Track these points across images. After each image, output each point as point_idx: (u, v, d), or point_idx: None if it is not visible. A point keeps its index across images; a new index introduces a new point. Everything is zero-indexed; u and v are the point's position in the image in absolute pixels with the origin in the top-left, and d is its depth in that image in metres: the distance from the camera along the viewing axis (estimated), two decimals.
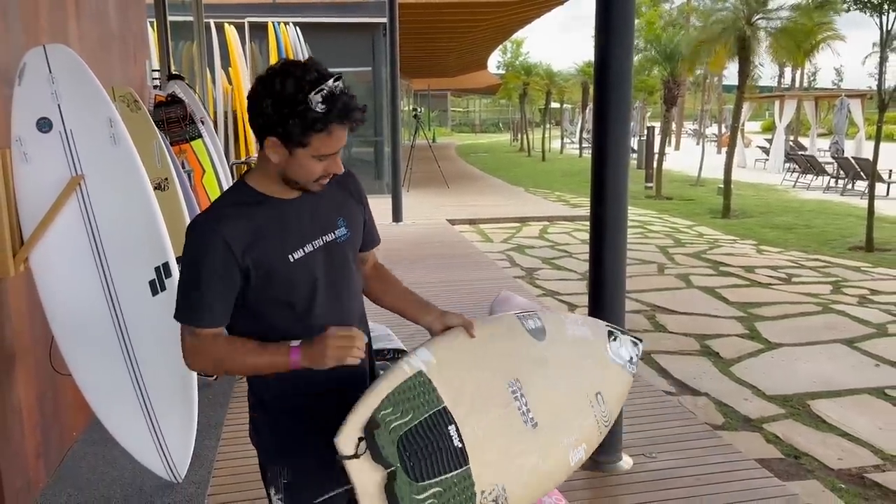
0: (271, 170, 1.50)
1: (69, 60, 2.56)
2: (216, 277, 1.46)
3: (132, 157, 2.59)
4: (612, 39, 2.87)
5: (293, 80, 1.37)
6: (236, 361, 1.50)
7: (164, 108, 4.58)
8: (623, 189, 2.98)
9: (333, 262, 1.58)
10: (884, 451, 3.62)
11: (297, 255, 1.52)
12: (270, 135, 1.42)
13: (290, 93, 1.37)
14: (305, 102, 1.36)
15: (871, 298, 6.54)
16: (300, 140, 1.40)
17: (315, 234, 1.56)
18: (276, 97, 1.38)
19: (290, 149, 1.43)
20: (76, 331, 2.60)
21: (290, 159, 1.44)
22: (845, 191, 15.19)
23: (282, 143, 1.42)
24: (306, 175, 1.47)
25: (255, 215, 1.49)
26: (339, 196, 1.64)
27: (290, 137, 1.40)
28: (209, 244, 1.45)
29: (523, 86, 28.43)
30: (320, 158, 1.45)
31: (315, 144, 1.41)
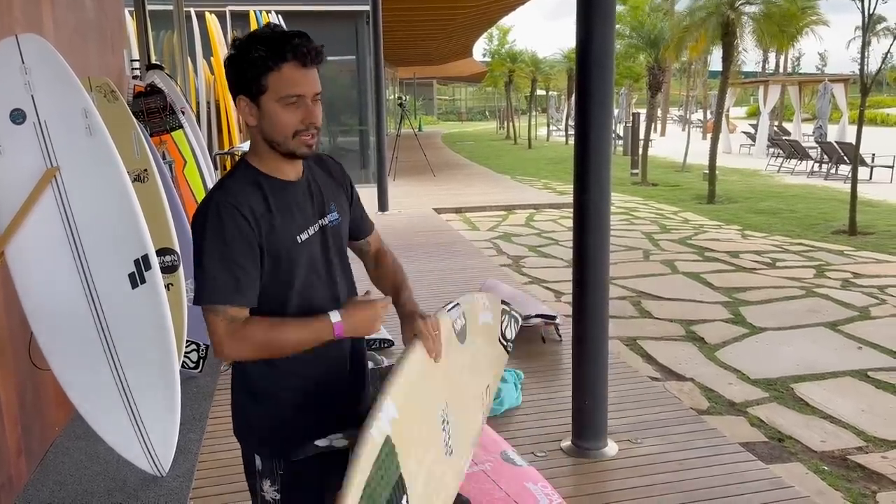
0: (259, 143, 1.50)
1: (43, 50, 2.51)
2: (246, 253, 1.43)
3: (108, 149, 2.54)
4: (593, 23, 2.85)
5: (244, 39, 1.45)
6: (282, 340, 1.44)
7: (144, 99, 4.52)
8: (606, 175, 2.97)
9: (328, 244, 1.59)
10: (866, 433, 3.66)
11: (303, 237, 1.52)
12: (238, 94, 1.46)
13: (243, 46, 1.44)
14: (251, 50, 1.41)
15: (854, 282, 6.60)
16: (258, 86, 1.43)
17: (315, 216, 1.57)
18: (234, 59, 1.45)
19: (256, 101, 1.45)
20: (55, 325, 2.56)
21: (261, 115, 1.45)
22: (829, 175, 15.29)
23: (248, 99, 1.45)
24: (282, 128, 1.45)
25: (266, 194, 1.49)
26: (330, 182, 1.65)
27: (250, 88, 1.43)
28: (233, 219, 1.42)
29: (509, 73, 28.37)
30: (286, 103, 1.43)
31: (273, 86, 1.42)
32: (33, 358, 2.72)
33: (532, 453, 3.06)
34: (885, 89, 54.71)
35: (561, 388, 3.65)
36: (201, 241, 1.45)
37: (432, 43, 24.23)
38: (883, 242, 8.42)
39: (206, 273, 1.43)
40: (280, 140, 1.46)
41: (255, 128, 1.49)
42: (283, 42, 1.41)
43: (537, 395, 3.69)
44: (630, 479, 2.88)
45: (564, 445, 3.14)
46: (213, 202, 1.46)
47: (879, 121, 34.84)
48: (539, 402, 3.61)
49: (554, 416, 3.43)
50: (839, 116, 19.97)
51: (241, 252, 1.43)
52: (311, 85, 1.44)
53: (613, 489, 2.84)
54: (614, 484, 2.87)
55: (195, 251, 1.47)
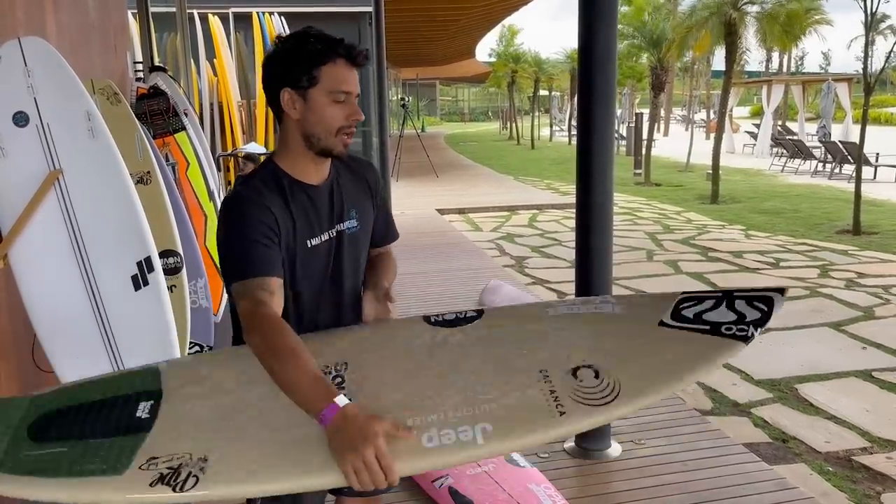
0: (294, 140, 1.50)
1: (45, 53, 2.51)
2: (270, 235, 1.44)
3: (111, 151, 2.55)
4: (595, 24, 2.85)
5: (292, 36, 1.49)
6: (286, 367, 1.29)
7: (147, 101, 4.53)
8: (609, 175, 2.97)
9: (341, 251, 1.59)
10: (871, 433, 3.65)
11: (314, 242, 1.53)
12: (284, 87, 1.46)
13: (293, 42, 1.47)
14: (307, 42, 1.45)
15: (858, 282, 6.58)
16: (309, 76, 1.44)
17: (332, 222, 1.57)
18: (281, 53, 1.48)
19: (304, 93, 1.45)
20: (58, 327, 2.57)
21: (307, 108, 1.46)
22: (833, 175, 15.25)
23: (295, 91, 1.45)
24: (327, 122, 1.46)
25: (285, 196, 1.50)
26: (356, 186, 1.64)
27: (300, 78, 1.44)
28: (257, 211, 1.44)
29: (511, 74, 28.37)
30: (336, 99, 1.45)
31: (325, 78, 1.44)
32: (37, 360, 2.72)
33: (535, 454, 3.05)
34: (889, 88, 54.59)
35: None
36: (226, 230, 1.46)
37: (435, 44, 24.24)
38: (887, 242, 8.39)
39: (233, 254, 1.44)
40: (322, 135, 1.48)
41: (294, 122, 1.49)
42: (337, 41, 1.46)
43: None
44: (633, 480, 2.88)
45: (568, 446, 3.14)
46: (238, 196, 1.48)
47: (884, 120, 34.75)
48: None
49: None
50: (843, 116, 19.93)
51: (265, 234, 1.44)
52: (357, 85, 1.49)
53: (617, 490, 2.83)
54: (618, 485, 2.87)
55: (223, 238, 1.47)
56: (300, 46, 1.45)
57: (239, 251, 1.43)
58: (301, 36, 1.47)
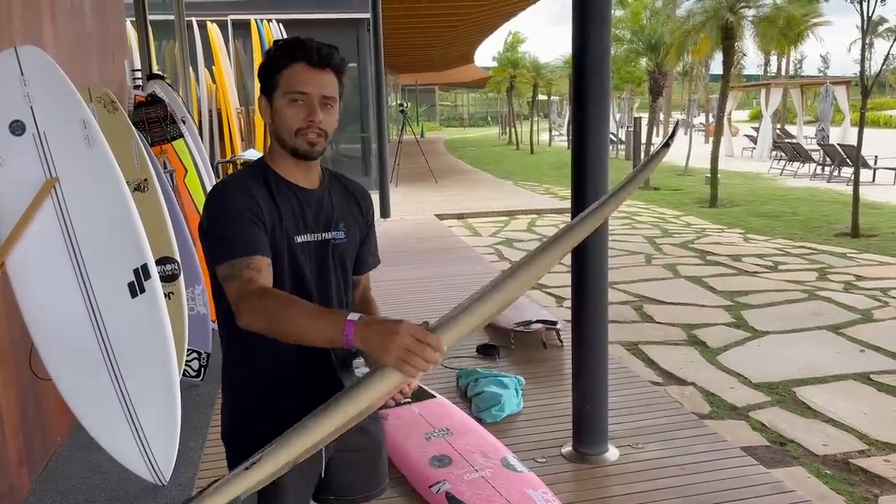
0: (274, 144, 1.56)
1: (41, 62, 2.53)
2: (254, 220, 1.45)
3: (107, 159, 2.57)
4: (589, 30, 2.86)
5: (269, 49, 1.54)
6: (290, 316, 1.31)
7: (145, 109, 4.55)
8: (603, 180, 2.98)
9: (325, 260, 1.59)
10: (868, 436, 3.65)
11: (301, 239, 1.54)
12: (261, 94, 1.55)
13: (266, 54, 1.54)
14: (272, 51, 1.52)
15: (857, 284, 6.58)
16: (272, 83, 1.51)
17: (318, 227, 1.58)
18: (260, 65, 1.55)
19: (269, 98, 1.52)
20: (55, 335, 2.58)
21: (273, 112, 1.52)
22: (832, 178, 15.26)
23: (264, 97, 1.53)
24: (286, 124, 1.50)
25: (273, 190, 1.52)
26: (349, 206, 1.67)
27: (267, 84, 1.52)
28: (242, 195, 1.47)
29: (510, 79, 28.42)
30: (291, 99, 1.49)
31: (283, 82, 1.49)
32: (34, 368, 2.73)
33: (533, 459, 3.05)
34: (888, 91, 54.66)
35: (562, 394, 3.65)
36: (210, 215, 1.48)
37: (433, 50, 24.30)
38: (886, 244, 8.40)
39: (217, 238, 1.45)
40: (285, 136, 1.51)
41: (269, 126, 1.55)
42: (297, 44, 1.50)
43: (538, 400, 3.69)
44: (631, 484, 2.88)
45: (565, 451, 3.14)
46: (223, 183, 1.53)
47: (882, 123, 34.80)
48: (540, 408, 3.60)
49: (555, 421, 3.42)
50: (841, 119, 19.96)
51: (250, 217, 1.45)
52: (319, 86, 1.49)
53: (614, 495, 2.83)
54: (615, 489, 2.86)
55: (207, 224, 1.49)
56: (268, 55, 1.53)
57: (224, 233, 1.44)
58: (274, 46, 1.54)
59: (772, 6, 12.59)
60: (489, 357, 4.26)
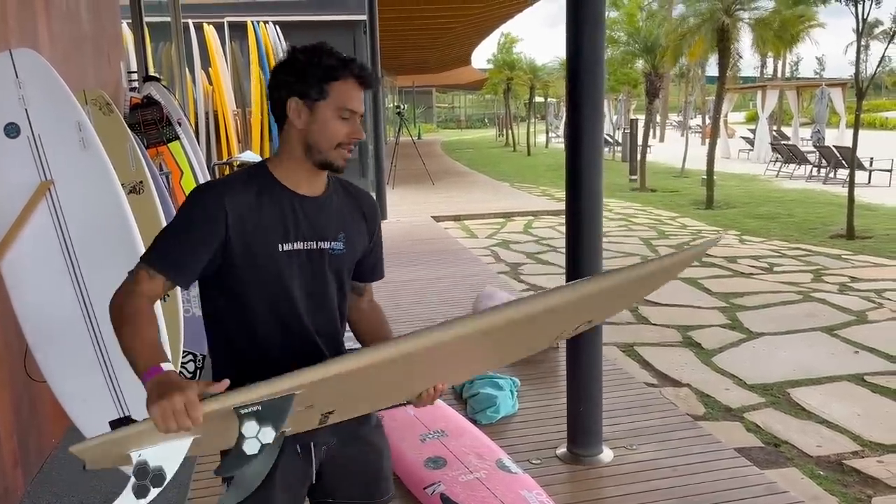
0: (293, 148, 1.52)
1: (36, 64, 2.53)
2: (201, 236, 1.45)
3: (102, 162, 2.57)
4: (583, 32, 2.87)
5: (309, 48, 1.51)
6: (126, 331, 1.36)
7: (141, 111, 4.54)
8: (598, 182, 2.99)
9: (321, 270, 1.56)
10: (862, 437, 3.66)
11: (285, 247, 1.51)
12: (292, 96, 1.49)
13: (308, 53, 1.50)
14: (321, 57, 1.48)
15: (851, 286, 6.60)
16: (320, 89, 1.47)
17: (311, 235, 1.54)
18: (295, 61, 1.49)
19: (311, 104, 1.48)
20: (50, 337, 2.58)
21: (312, 119, 1.49)
22: (827, 179, 15.30)
23: (303, 101, 1.48)
24: (329, 136, 1.49)
25: (262, 196, 1.51)
26: (351, 211, 1.64)
27: (310, 90, 1.47)
28: (206, 203, 1.47)
29: (507, 81, 28.44)
30: (341, 115, 1.49)
31: (334, 94, 1.48)
32: (29, 370, 2.73)
33: (528, 460, 3.06)
34: (883, 93, 54.83)
35: (557, 395, 3.66)
36: (178, 213, 1.50)
37: (430, 52, 24.32)
38: (880, 246, 8.42)
39: (163, 239, 1.48)
40: (324, 148, 1.50)
41: (297, 131, 1.51)
42: (350, 59, 1.51)
43: (533, 402, 3.69)
44: (625, 485, 2.89)
45: (560, 452, 3.15)
46: (205, 185, 1.54)
47: (878, 124, 34.89)
48: (535, 410, 3.61)
49: (550, 423, 3.43)
50: (837, 120, 20.02)
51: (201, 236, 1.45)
52: (362, 105, 1.53)
53: (609, 496, 2.84)
54: (609, 491, 2.87)
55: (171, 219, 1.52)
56: (315, 59, 1.48)
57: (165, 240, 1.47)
58: (316, 49, 1.51)
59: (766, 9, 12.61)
60: None
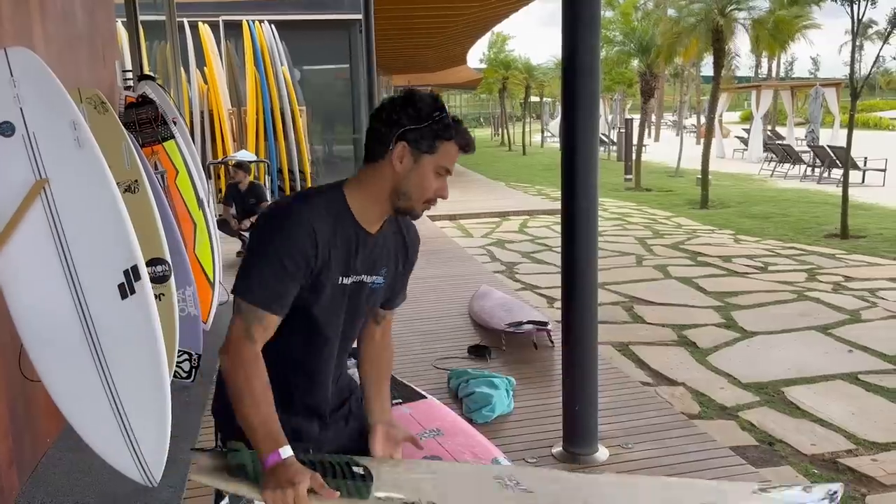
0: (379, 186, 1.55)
1: (31, 63, 2.53)
2: (300, 269, 1.48)
3: (97, 160, 2.56)
4: (579, 33, 2.88)
5: (429, 98, 1.55)
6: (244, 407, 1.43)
7: (136, 110, 4.54)
8: (593, 181, 2.99)
9: (359, 300, 1.63)
10: (856, 435, 3.68)
11: (345, 281, 1.57)
12: (402, 139, 1.51)
13: (429, 104, 1.53)
14: (441, 111, 1.53)
15: (846, 285, 6.63)
16: (430, 145, 1.52)
17: (362, 270, 1.60)
18: (415, 107, 1.52)
19: (418, 155, 1.52)
20: (45, 336, 2.57)
21: (413, 168, 1.53)
22: (821, 179, 15.36)
23: (411, 149, 1.52)
24: (423, 189, 1.54)
25: (337, 226, 1.53)
26: (398, 248, 1.70)
27: (421, 142, 1.51)
28: (300, 232, 1.47)
29: (503, 80, 28.46)
30: (439, 173, 1.55)
31: (441, 153, 1.53)
32: (23, 369, 2.73)
33: (523, 459, 3.06)
34: (877, 93, 55.02)
35: (552, 395, 3.66)
36: (267, 240, 1.48)
37: (426, 51, 24.28)
38: (874, 246, 8.46)
39: (261, 274, 1.47)
40: (414, 198, 1.55)
41: (392, 172, 1.54)
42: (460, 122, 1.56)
43: (529, 401, 3.70)
44: None
45: (555, 451, 3.15)
46: (290, 210, 1.51)
47: (872, 124, 35.01)
48: (531, 409, 3.61)
49: (545, 422, 3.44)
50: (832, 120, 20.08)
51: (297, 267, 1.47)
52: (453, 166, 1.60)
53: None
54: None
55: (256, 244, 1.50)
56: (437, 114, 1.52)
57: (262, 271, 1.47)
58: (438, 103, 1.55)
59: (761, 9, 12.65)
60: (480, 358, 4.27)
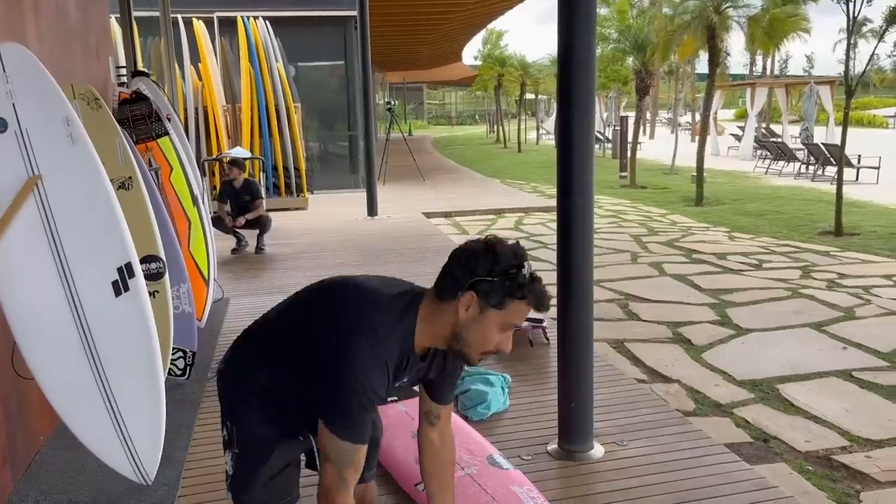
0: (442, 325, 1.57)
1: (24, 59, 2.51)
2: (377, 401, 1.55)
3: (91, 157, 2.55)
4: (575, 30, 2.87)
5: (510, 252, 1.54)
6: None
7: (130, 106, 4.51)
8: (589, 179, 2.99)
9: None
10: (850, 432, 3.69)
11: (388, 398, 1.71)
12: (472, 290, 1.51)
13: (507, 258, 1.52)
14: (518, 269, 1.51)
15: (840, 282, 6.65)
16: (499, 301, 1.51)
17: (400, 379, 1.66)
18: (493, 258, 1.51)
19: (486, 307, 1.51)
20: (38, 334, 2.56)
21: (477, 319, 1.53)
22: (816, 177, 15.40)
23: (479, 301, 1.51)
24: (483, 341, 1.55)
25: (402, 356, 1.58)
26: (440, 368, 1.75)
27: (491, 296, 1.50)
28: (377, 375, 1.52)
29: (498, 77, 28.44)
30: (503, 328, 1.55)
31: (509, 310, 1.52)
32: (16, 367, 2.71)
33: (518, 456, 3.06)
34: (871, 91, 55.17)
35: (548, 392, 3.66)
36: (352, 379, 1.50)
37: (421, 48, 24.26)
38: (868, 243, 8.49)
39: (354, 415, 1.52)
40: (472, 346, 1.57)
41: (455, 317, 1.54)
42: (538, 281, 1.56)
43: (524, 398, 3.70)
44: (616, 481, 2.89)
45: (551, 448, 3.15)
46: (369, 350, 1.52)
47: (866, 122, 35.11)
48: (526, 406, 3.62)
49: (541, 419, 3.44)
50: (826, 118, 20.12)
51: (377, 399, 1.54)
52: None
53: (599, 491, 2.85)
54: (600, 486, 2.88)
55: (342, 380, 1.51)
56: (513, 272, 1.51)
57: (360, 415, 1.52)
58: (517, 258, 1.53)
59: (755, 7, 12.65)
60: None
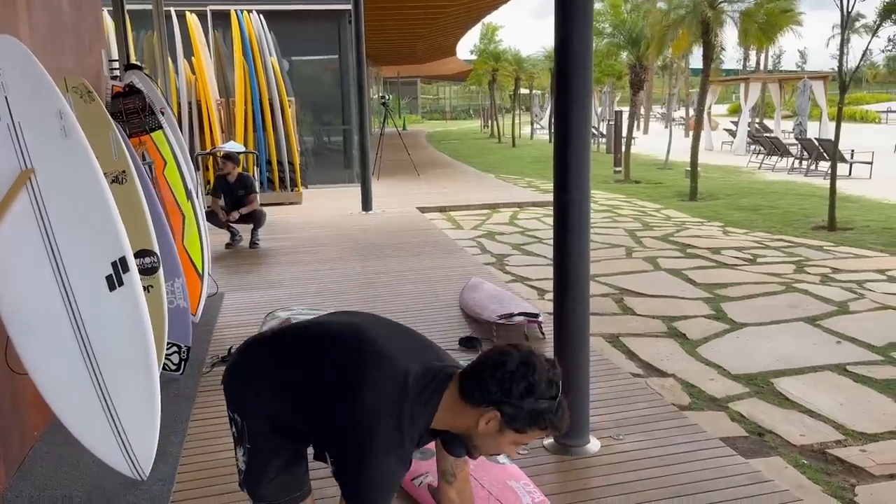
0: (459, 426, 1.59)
1: (16, 51, 2.48)
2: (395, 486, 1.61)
3: (84, 150, 2.53)
4: (572, 24, 2.87)
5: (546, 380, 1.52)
6: None
7: (123, 99, 4.49)
8: (586, 174, 2.98)
9: None
10: (845, 426, 3.70)
11: None
12: (498, 410, 1.51)
13: (542, 388, 1.50)
14: (550, 402, 1.51)
15: (833, 277, 6.67)
16: (521, 427, 1.51)
17: None
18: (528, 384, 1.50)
19: (505, 429, 1.52)
20: (31, 329, 2.54)
21: (494, 436, 1.54)
22: (809, 172, 15.45)
23: (501, 421, 1.51)
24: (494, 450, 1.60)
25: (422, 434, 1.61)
26: None
27: (515, 421, 1.51)
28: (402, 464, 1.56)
29: (492, 72, 28.41)
30: (516, 443, 1.58)
31: (528, 434, 1.54)
32: (10, 362, 2.69)
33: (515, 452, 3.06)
34: (864, 86, 55.31)
35: None
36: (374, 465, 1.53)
37: (416, 42, 24.19)
38: (861, 237, 8.52)
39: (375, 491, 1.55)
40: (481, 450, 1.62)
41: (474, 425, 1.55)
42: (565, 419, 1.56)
43: None
44: (611, 475, 2.90)
45: (547, 443, 3.15)
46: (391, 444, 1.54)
47: (859, 117, 35.20)
48: None
49: None
50: (819, 113, 20.17)
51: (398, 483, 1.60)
52: None
53: (595, 486, 2.85)
54: (596, 480, 2.88)
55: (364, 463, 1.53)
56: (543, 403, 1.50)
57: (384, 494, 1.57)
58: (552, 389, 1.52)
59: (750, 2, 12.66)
60: (471, 349, 4.27)
